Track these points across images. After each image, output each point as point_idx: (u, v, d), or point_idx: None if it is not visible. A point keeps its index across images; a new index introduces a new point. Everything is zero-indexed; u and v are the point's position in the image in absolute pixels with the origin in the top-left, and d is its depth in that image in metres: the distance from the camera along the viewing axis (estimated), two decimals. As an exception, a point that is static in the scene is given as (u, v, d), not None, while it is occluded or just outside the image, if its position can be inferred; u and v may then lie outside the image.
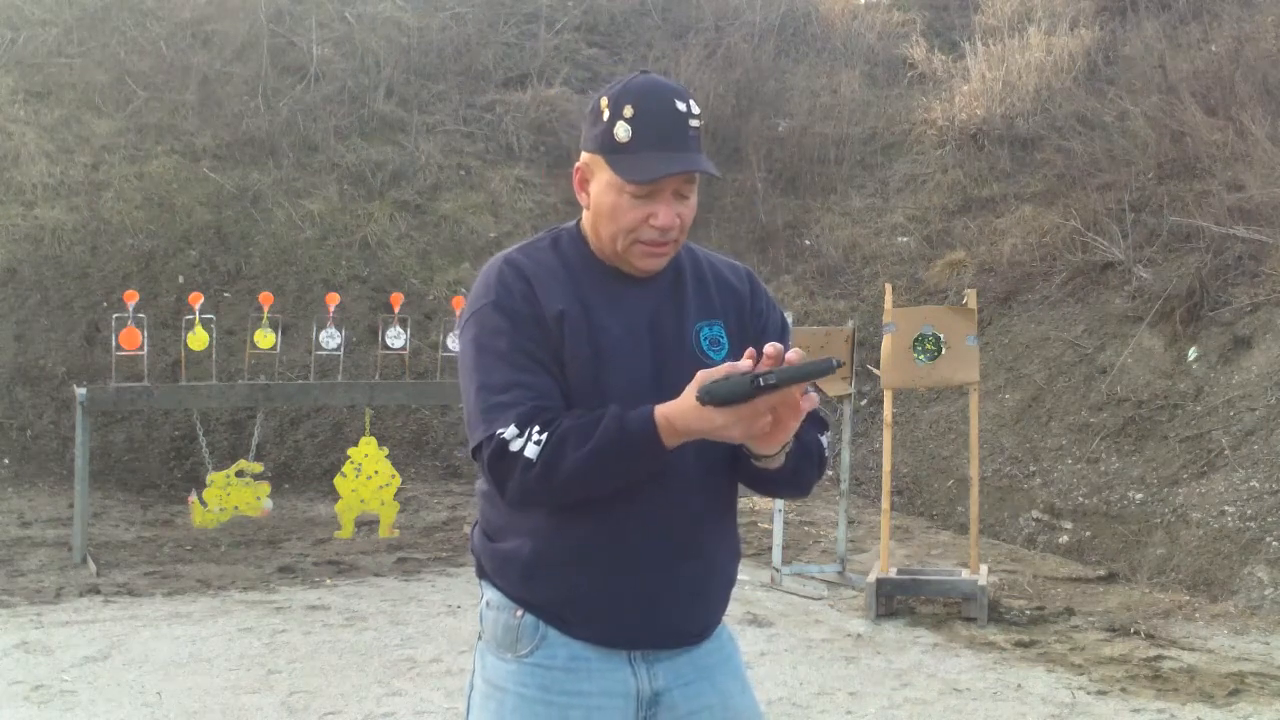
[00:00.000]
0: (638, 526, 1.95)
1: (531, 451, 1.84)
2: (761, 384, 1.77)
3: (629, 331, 1.98)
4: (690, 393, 1.80)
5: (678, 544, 1.98)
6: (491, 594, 2.04)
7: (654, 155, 1.93)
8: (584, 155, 2.01)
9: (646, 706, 2.01)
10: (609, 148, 1.95)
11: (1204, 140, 9.21)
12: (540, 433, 1.85)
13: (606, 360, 1.95)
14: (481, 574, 2.08)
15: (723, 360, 1.95)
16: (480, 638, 2.09)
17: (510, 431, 1.86)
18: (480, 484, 2.06)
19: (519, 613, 2.00)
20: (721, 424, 1.79)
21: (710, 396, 1.79)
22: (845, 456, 7.00)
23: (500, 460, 1.87)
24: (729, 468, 2.03)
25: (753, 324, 2.11)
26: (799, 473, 2.03)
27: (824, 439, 2.10)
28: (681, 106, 1.96)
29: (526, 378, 1.91)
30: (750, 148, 11.93)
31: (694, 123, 1.97)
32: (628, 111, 1.94)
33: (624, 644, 1.99)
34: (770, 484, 2.05)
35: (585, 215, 2.05)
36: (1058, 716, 4.64)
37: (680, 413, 1.82)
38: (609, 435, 1.84)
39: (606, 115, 1.96)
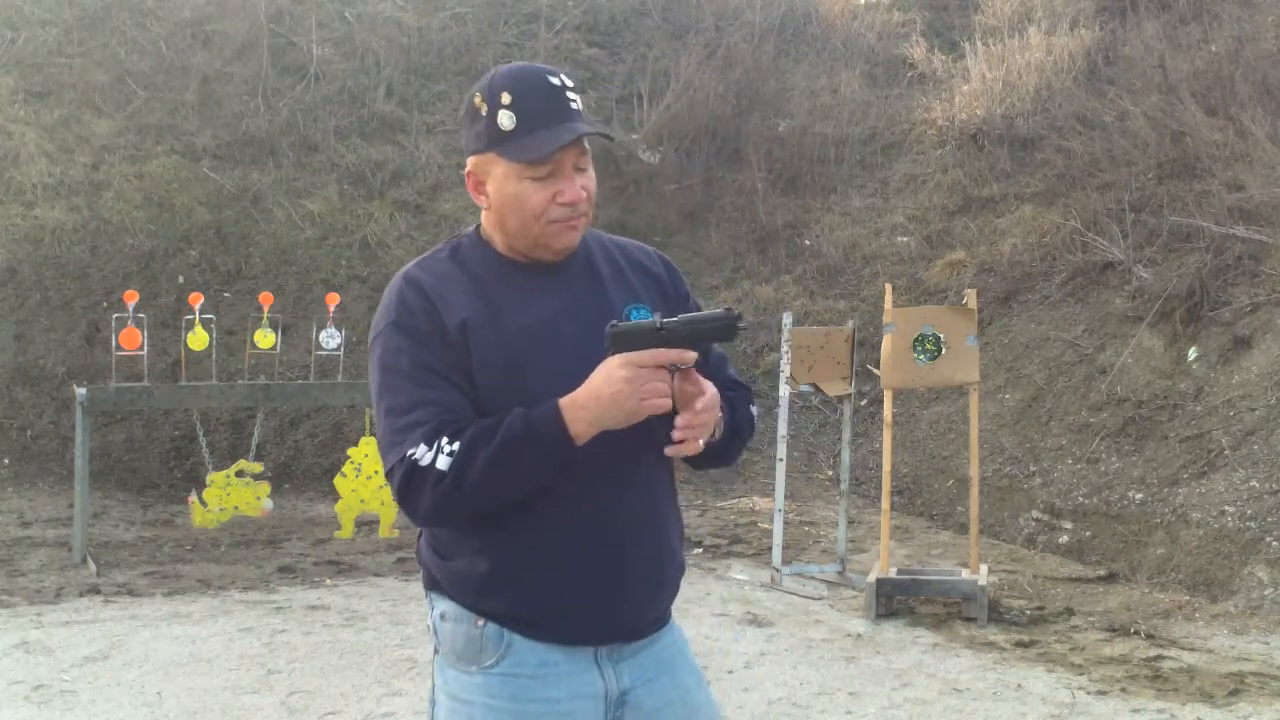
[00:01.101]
0: (590, 523, 1.94)
1: (443, 463, 1.83)
2: (661, 327, 1.81)
3: (546, 325, 1.96)
4: (596, 371, 1.84)
5: (631, 534, 1.98)
6: (446, 605, 2.00)
7: (543, 133, 1.91)
8: (471, 160, 1.99)
9: (615, 707, 2.00)
10: (497, 139, 1.93)
11: (1204, 140, 9.20)
12: (450, 443, 1.84)
13: (522, 359, 1.93)
14: (433, 586, 2.03)
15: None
16: (436, 652, 2.04)
17: (420, 450, 1.85)
18: None
19: (480, 622, 1.96)
20: (621, 378, 1.80)
21: (614, 331, 1.83)
22: (845, 456, 7.00)
23: (410, 480, 1.86)
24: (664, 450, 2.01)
25: (679, 307, 2.09)
26: (728, 450, 2.07)
27: (753, 409, 2.14)
28: (555, 81, 1.95)
29: (431, 394, 1.89)
30: (750, 148, 11.93)
31: (571, 95, 1.96)
32: (505, 99, 1.92)
33: (592, 640, 1.97)
34: (700, 460, 2.05)
35: (486, 217, 2.03)
36: (1058, 716, 4.64)
37: (584, 392, 1.83)
38: (514, 430, 1.84)
39: (485, 109, 1.94)
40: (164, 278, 9.77)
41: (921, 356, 6.15)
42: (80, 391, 6.79)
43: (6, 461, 8.67)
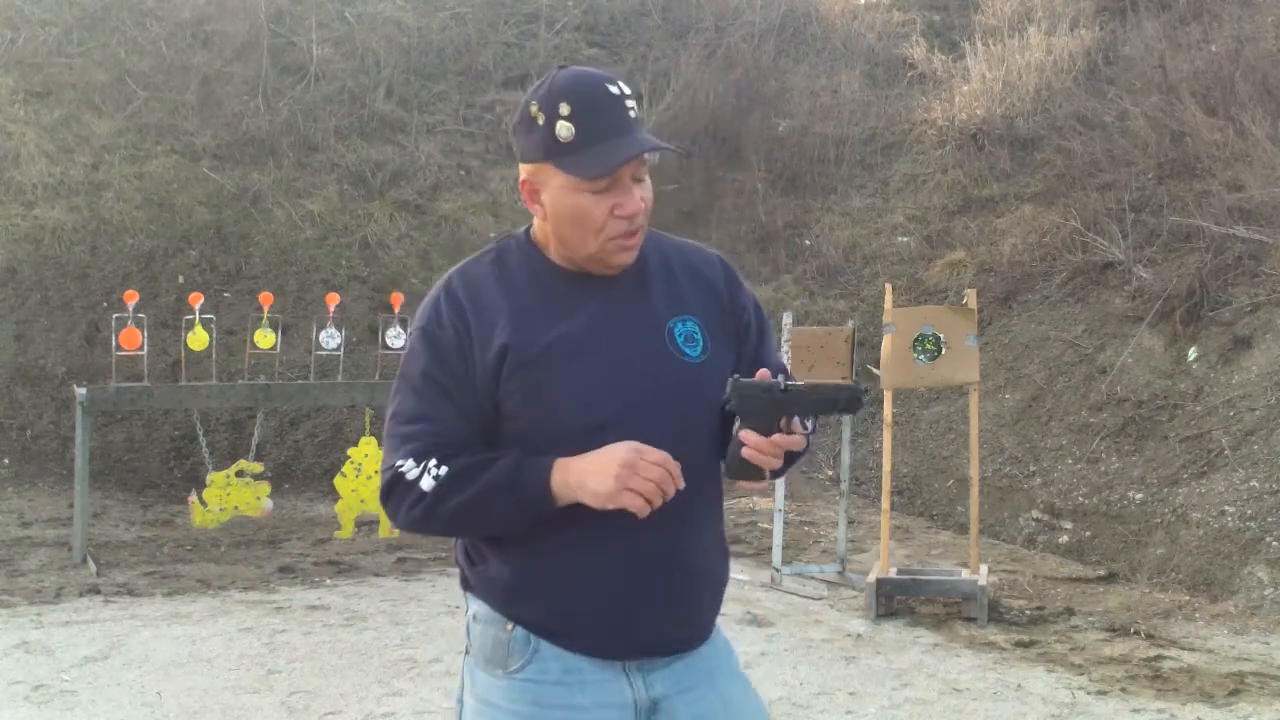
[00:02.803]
0: (622, 538, 1.89)
1: (427, 484, 1.86)
2: (785, 389, 1.85)
3: (580, 337, 1.91)
4: (611, 445, 1.82)
5: (664, 552, 1.93)
6: (478, 606, 1.99)
7: (603, 146, 1.85)
8: (526, 167, 1.93)
9: (645, 715, 1.97)
10: (554, 151, 1.87)
11: (1204, 140, 9.20)
12: (438, 466, 1.86)
13: (548, 370, 1.89)
14: (467, 586, 2.03)
15: (699, 356, 1.96)
16: (467, 652, 2.03)
17: (408, 465, 1.88)
18: None
19: (509, 626, 1.94)
20: (619, 460, 1.79)
21: (735, 383, 1.87)
22: (845, 456, 7.00)
23: (393, 489, 1.90)
24: (714, 466, 2.00)
25: (735, 319, 2.05)
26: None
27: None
28: (615, 90, 1.89)
29: (431, 410, 1.90)
30: (750, 148, 11.93)
31: (630, 104, 1.90)
32: (564, 109, 1.85)
33: (617, 654, 1.94)
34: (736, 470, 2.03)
35: (539, 225, 1.97)
36: (1058, 716, 4.64)
37: (583, 459, 1.82)
38: (500, 476, 1.85)
39: (542, 119, 1.87)
40: (164, 278, 9.77)
41: (921, 356, 6.14)
42: (80, 391, 6.78)
43: (6, 461, 8.67)
